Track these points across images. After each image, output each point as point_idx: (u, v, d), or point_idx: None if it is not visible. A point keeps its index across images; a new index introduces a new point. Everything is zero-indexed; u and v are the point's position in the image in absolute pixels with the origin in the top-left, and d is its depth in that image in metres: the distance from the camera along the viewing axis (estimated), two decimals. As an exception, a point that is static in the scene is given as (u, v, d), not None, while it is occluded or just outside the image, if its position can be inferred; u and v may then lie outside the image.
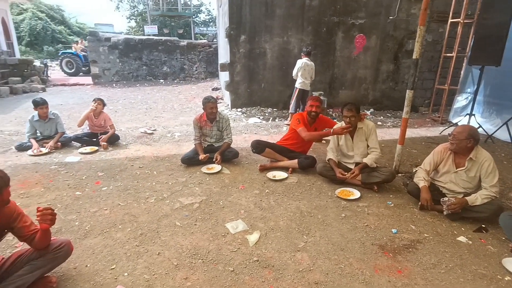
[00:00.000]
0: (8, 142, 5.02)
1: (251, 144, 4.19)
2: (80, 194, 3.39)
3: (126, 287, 2.09)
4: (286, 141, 4.22)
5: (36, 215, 1.86)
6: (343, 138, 3.65)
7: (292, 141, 4.16)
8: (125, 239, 2.61)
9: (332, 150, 3.71)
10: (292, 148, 4.16)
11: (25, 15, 26.35)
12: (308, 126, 4.03)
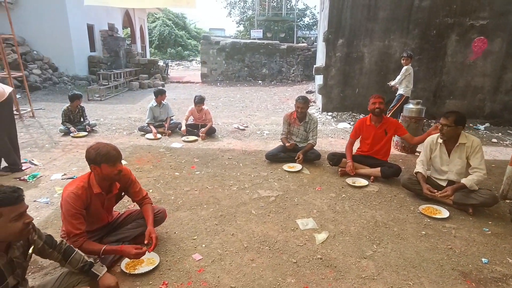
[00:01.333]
0: (132, 126, 6.18)
1: (327, 156, 4.19)
2: (178, 174, 4.00)
3: (202, 256, 2.44)
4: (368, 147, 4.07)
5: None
6: (437, 150, 3.33)
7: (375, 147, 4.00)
8: (207, 217, 3.01)
9: (422, 162, 3.43)
10: (374, 155, 4.00)
11: (157, 23, 31.15)
12: (373, 127, 3.89)
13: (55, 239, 1.82)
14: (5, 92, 3.63)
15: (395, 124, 3.97)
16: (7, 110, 3.72)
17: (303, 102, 4.27)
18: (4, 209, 1.41)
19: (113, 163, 2.11)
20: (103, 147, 2.12)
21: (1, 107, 3.60)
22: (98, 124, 6.26)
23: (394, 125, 3.93)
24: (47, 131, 5.78)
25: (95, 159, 2.09)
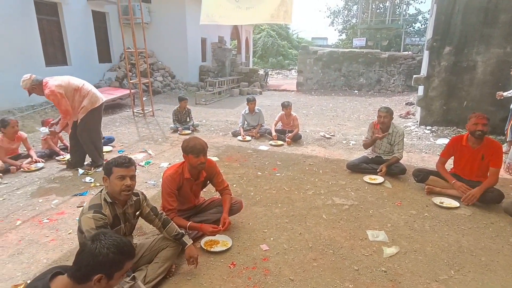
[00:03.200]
0: (228, 129, 6.88)
1: (413, 172, 3.91)
2: (260, 174, 4.35)
3: (269, 247, 2.68)
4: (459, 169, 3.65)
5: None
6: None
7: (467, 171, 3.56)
8: (280, 215, 3.24)
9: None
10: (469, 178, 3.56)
11: (261, 34, 33.19)
12: (469, 149, 3.43)
13: (158, 210, 2.34)
14: (101, 99, 4.25)
15: (497, 151, 3.41)
16: (97, 115, 4.27)
17: (385, 112, 4.11)
18: (115, 168, 1.99)
19: (197, 154, 2.55)
20: (192, 141, 2.59)
21: (95, 111, 4.16)
22: (201, 124, 7.18)
23: (495, 151, 3.40)
24: (161, 127, 6.95)
25: (185, 150, 2.58)
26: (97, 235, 1.34)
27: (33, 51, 8.42)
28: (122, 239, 1.38)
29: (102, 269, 1.28)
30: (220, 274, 2.36)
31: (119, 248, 1.32)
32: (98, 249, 1.29)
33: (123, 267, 1.36)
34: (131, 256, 1.41)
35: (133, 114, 7.94)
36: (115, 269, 1.32)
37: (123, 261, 1.34)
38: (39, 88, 3.93)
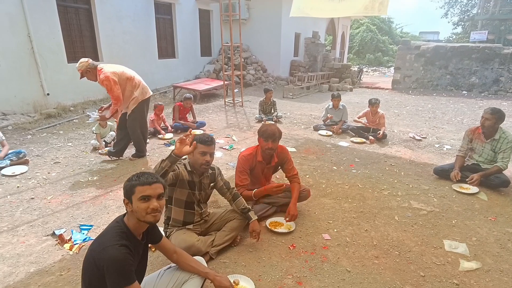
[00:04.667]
0: (310, 122, 6.91)
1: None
2: (335, 169, 4.31)
3: (331, 237, 2.71)
4: None
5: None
6: None
7: None
8: (348, 209, 3.20)
9: None
10: None
11: (360, 29, 31.53)
12: None
13: (231, 185, 2.62)
14: (150, 92, 4.41)
15: None
16: (146, 106, 4.44)
17: (491, 114, 3.57)
18: (199, 145, 2.25)
19: (266, 139, 2.75)
20: (265, 126, 2.79)
21: (144, 103, 4.33)
22: (284, 116, 7.39)
23: None
24: (247, 117, 7.41)
25: (259, 132, 2.82)
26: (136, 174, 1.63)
27: (150, 46, 9.87)
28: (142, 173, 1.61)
29: (124, 195, 1.59)
30: (279, 252, 2.51)
31: (129, 178, 1.60)
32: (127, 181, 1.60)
33: (135, 191, 1.55)
34: (139, 182, 1.56)
35: (224, 103, 8.64)
36: (130, 194, 1.56)
37: (134, 186, 1.56)
38: (93, 73, 4.02)
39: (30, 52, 6.56)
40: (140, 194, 1.54)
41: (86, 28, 8.04)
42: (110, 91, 3.99)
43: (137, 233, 1.61)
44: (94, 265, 1.47)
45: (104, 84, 3.97)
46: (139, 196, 1.54)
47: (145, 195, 1.54)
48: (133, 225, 1.58)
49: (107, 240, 1.50)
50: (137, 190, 1.54)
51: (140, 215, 1.55)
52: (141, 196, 1.54)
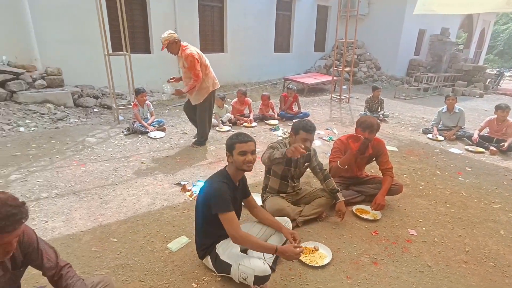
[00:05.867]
0: (420, 125, 6.45)
1: None
2: (439, 173, 4.07)
3: (417, 234, 2.72)
4: None
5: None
6: None
7: None
8: (444, 213, 3.08)
9: None
10: None
11: (509, 25, 26.35)
12: None
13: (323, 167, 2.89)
14: (218, 84, 4.56)
15: None
16: (214, 97, 4.66)
17: None
18: (238, 144, 2.02)
19: (363, 129, 2.90)
20: (364, 118, 2.95)
21: (212, 93, 4.53)
22: (391, 116, 7.08)
23: None
24: (352, 113, 7.39)
25: (357, 122, 2.99)
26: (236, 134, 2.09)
27: (268, 40, 10.69)
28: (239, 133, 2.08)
29: (227, 149, 2.06)
30: (361, 235, 2.69)
31: (230, 137, 2.07)
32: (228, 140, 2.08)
33: (235, 147, 2.00)
34: (238, 140, 2.01)
35: (330, 98, 8.76)
36: (231, 149, 2.02)
37: (234, 143, 2.00)
38: (177, 46, 4.15)
39: (174, 43, 8.07)
40: (239, 149, 1.99)
41: (217, 24, 9.31)
42: (193, 68, 4.13)
43: (235, 179, 2.10)
44: (204, 199, 2.01)
45: (188, 60, 4.11)
46: (238, 151, 1.99)
47: (242, 151, 1.99)
48: (232, 172, 2.08)
49: (213, 180, 2.04)
50: (236, 146, 2.00)
51: (238, 165, 2.02)
52: (240, 151, 1.99)
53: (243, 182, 2.25)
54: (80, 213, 2.86)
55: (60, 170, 3.71)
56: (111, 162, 4.01)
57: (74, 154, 4.22)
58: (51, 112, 5.55)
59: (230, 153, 2.05)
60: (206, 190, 2.03)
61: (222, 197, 1.94)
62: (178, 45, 4.16)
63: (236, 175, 2.11)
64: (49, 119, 5.39)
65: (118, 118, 5.77)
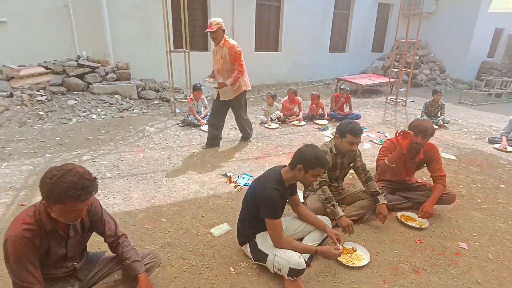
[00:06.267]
0: (486, 134, 5.88)
1: None
2: (503, 187, 3.70)
3: (468, 247, 2.55)
4: None
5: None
6: None
7: None
8: (504, 230, 2.83)
9: None
10: None
11: None
12: None
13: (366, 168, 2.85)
14: (250, 86, 4.46)
15: None
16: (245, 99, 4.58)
17: None
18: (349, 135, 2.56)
19: (416, 133, 2.76)
20: (418, 121, 2.81)
21: (245, 94, 4.47)
22: (452, 122, 6.56)
23: None
24: (407, 117, 6.99)
25: (409, 126, 2.85)
26: (308, 145, 2.10)
27: (322, 39, 10.53)
28: (321, 153, 2.05)
29: (302, 162, 2.03)
30: (403, 241, 2.59)
31: (316, 155, 2.02)
32: (304, 150, 2.05)
33: (314, 168, 2.00)
34: (323, 165, 2.03)
35: (385, 101, 8.37)
36: (309, 167, 2.01)
37: (315, 165, 2.01)
38: (221, 36, 4.06)
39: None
40: (317, 173, 2.04)
41: (273, 23, 9.43)
42: (238, 59, 4.10)
43: (286, 184, 2.12)
44: (254, 197, 2.08)
45: (233, 51, 4.04)
46: (315, 174, 2.04)
47: (318, 175, 2.07)
48: (287, 178, 2.09)
49: (267, 182, 2.05)
50: (317, 169, 2.02)
51: (305, 182, 2.14)
52: (316, 175, 2.06)
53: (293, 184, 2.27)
54: (136, 193, 3.18)
55: (122, 155, 4.13)
56: (166, 151, 4.35)
57: (135, 141, 4.65)
58: (118, 103, 6.16)
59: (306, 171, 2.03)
60: (258, 192, 2.07)
61: (273, 206, 2.00)
62: (223, 35, 4.09)
63: (290, 181, 2.14)
64: (116, 108, 5.99)
65: (175, 110, 6.19)
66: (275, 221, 2.01)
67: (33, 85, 5.69)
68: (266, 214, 2.01)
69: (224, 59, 4.12)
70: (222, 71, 4.21)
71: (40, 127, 4.96)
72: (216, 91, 4.34)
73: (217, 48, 4.15)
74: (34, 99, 5.49)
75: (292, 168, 2.08)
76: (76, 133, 4.79)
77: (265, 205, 2.01)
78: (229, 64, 4.14)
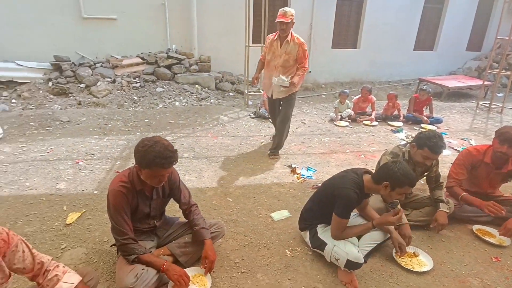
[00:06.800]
0: None
1: None
2: None
3: (558, 274, 2.23)
4: None
5: None
6: None
7: None
8: None
9: None
10: None
11: None
12: None
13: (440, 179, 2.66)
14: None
15: None
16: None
17: None
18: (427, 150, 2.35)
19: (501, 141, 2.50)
20: (507, 128, 2.52)
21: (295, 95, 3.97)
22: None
23: None
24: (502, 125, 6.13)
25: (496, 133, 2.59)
26: (396, 161, 2.04)
27: (407, 36, 9.77)
28: (411, 171, 1.97)
29: (390, 179, 1.96)
30: (476, 256, 2.39)
31: (406, 173, 1.94)
32: (393, 167, 1.98)
33: (403, 186, 1.93)
34: (412, 184, 1.97)
35: (476, 106, 7.45)
36: (397, 185, 1.94)
37: (404, 183, 1.93)
38: (290, 29, 3.61)
39: (308, 37, 8.37)
40: (404, 192, 1.99)
41: (353, 19, 9.12)
42: (306, 57, 3.70)
43: (365, 190, 2.09)
44: (331, 192, 2.10)
45: (302, 48, 3.63)
46: (402, 192, 1.98)
47: (404, 193, 2.02)
48: (369, 188, 2.07)
49: (349, 183, 2.04)
50: (405, 188, 1.96)
51: (388, 199, 2.15)
52: (403, 193, 2.00)
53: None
54: (208, 173, 3.51)
55: (198, 139, 4.55)
56: (236, 139, 4.65)
57: (210, 128, 5.06)
58: (198, 92, 6.72)
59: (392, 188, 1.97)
60: (337, 189, 2.06)
61: (348, 207, 2.04)
62: (290, 28, 3.62)
63: (371, 191, 2.13)
64: (196, 97, 6.55)
65: (248, 102, 6.50)
66: (343, 220, 2.05)
67: (131, 73, 6.56)
68: (339, 213, 2.04)
69: (289, 55, 3.68)
70: (281, 67, 3.76)
71: (133, 109, 5.73)
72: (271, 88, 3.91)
73: (281, 41, 3.68)
74: (131, 85, 6.33)
75: (376, 183, 2.04)
76: (161, 117, 5.41)
77: (340, 204, 2.04)
78: (291, 62, 3.72)
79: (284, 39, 3.65)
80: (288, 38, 3.64)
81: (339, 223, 2.06)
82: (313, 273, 2.13)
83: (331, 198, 2.09)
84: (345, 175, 2.14)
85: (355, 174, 2.11)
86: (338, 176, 2.20)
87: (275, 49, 3.76)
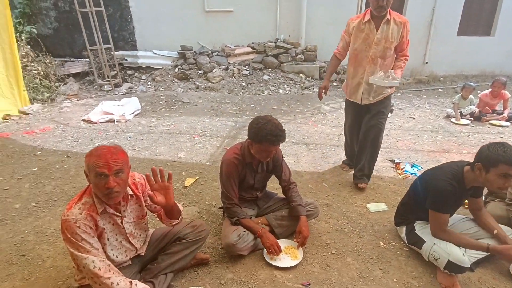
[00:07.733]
0: None
1: None
2: None
3: None
4: None
5: None
6: None
7: None
8: None
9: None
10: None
11: None
12: None
13: None
14: None
15: None
16: None
17: None
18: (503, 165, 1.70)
19: None
20: None
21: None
22: None
23: None
24: None
25: None
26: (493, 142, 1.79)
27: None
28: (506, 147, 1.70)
29: (481, 159, 1.75)
30: None
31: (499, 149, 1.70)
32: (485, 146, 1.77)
33: (496, 165, 1.69)
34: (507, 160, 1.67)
35: None
36: (490, 164, 1.72)
37: (497, 161, 1.68)
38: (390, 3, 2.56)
39: (428, 23, 7.50)
40: (502, 172, 1.70)
41: (488, 1, 7.73)
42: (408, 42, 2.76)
43: (468, 184, 1.89)
44: (425, 186, 1.99)
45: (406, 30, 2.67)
46: (499, 173, 1.70)
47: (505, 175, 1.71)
48: (468, 179, 1.87)
49: (444, 174, 1.90)
50: (500, 167, 1.69)
51: (489, 186, 1.85)
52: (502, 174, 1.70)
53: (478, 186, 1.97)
54: (306, 158, 3.64)
55: (299, 125, 4.70)
56: (337, 128, 4.62)
57: (311, 116, 5.15)
58: (302, 81, 6.85)
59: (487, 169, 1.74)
60: (429, 182, 1.96)
61: (440, 199, 1.89)
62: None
63: (473, 183, 1.89)
64: (299, 86, 6.69)
65: (351, 93, 6.30)
66: (440, 214, 1.91)
67: (242, 61, 7.12)
68: (432, 206, 1.93)
69: (387, 41, 2.66)
70: (379, 59, 2.75)
71: (241, 95, 6.23)
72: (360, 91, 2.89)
73: (376, 23, 2.66)
74: (241, 72, 6.88)
75: (472, 168, 1.85)
76: (265, 103, 5.75)
77: (433, 196, 1.92)
78: (390, 51, 2.71)
79: (382, 20, 2.64)
80: (387, 16, 2.64)
81: (436, 218, 1.92)
82: (408, 269, 2.05)
83: (425, 191, 1.97)
84: (443, 166, 2.00)
85: (455, 165, 1.94)
86: (436, 167, 2.05)
87: (368, 34, 2.71)
